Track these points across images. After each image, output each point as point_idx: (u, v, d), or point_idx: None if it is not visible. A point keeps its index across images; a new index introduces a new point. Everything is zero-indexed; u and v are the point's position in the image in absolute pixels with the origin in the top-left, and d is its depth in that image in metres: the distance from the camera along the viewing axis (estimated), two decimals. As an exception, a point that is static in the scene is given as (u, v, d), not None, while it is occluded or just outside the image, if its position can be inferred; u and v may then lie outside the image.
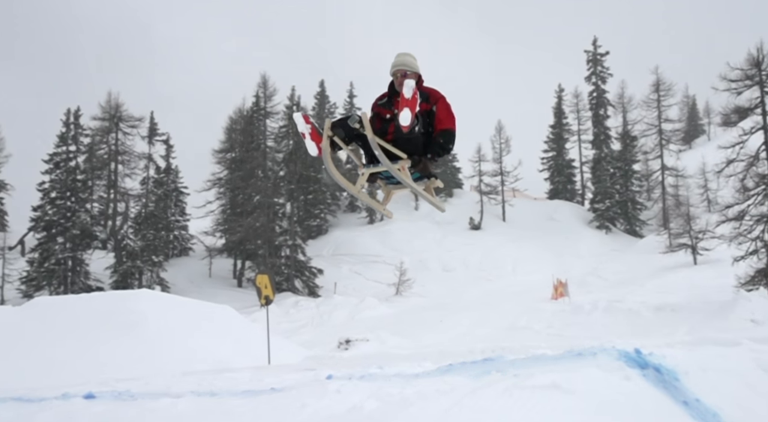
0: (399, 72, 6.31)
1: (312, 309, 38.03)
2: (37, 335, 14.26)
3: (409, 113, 5.51)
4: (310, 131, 5.88)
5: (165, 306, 17.17)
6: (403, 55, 6.45)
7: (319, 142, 5.91)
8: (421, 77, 6.42)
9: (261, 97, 55.15)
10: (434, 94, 6.38)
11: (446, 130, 6.19)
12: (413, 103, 5.55)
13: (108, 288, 43.57)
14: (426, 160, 6.28)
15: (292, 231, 49.54)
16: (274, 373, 7.71)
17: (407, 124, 5.50)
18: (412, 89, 5.53)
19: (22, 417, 4.62)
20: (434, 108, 6.28)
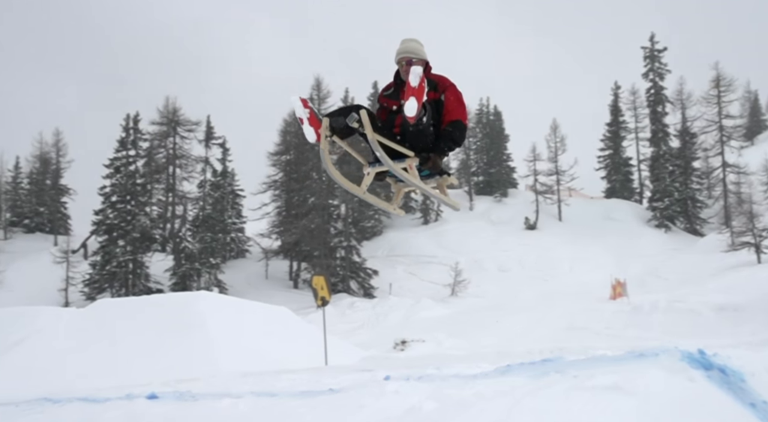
0: (404, 59, 5.86)
1: (367, 310, 38.11)
2: (100, 336, 14.56)
3: (415, 103, 5.11)
4: (309, 116, 5.42)
5: (223, 307, 17.37)
6: (408, 41, 6.01)
7: (318, 127, 5.47)
8: (428, 64, 5.97)
9: (315, 99, 55.50)
10: (443, 81, 5.93)
11: (456, 122, 5.78)
12: (420, 91, 5.15)
13: (167, 290, 44.34)
14: (435, 156, 5.84)
15: (346, 232, 49.73)
16: (332, 374, 7.73)
17: (413, 114, 5.11)
18: (419, 76, 5.13)
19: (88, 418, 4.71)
20: (443, 97, 5.85)
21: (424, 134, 5.63)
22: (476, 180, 66.56)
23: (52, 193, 58.97)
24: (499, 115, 68.25)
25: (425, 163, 5.80)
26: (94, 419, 4.63)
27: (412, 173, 5.76)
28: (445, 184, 6.27)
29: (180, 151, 58.01)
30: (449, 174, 6.19)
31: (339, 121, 5.47)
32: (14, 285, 46.05)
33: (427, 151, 5.75)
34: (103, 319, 15.71)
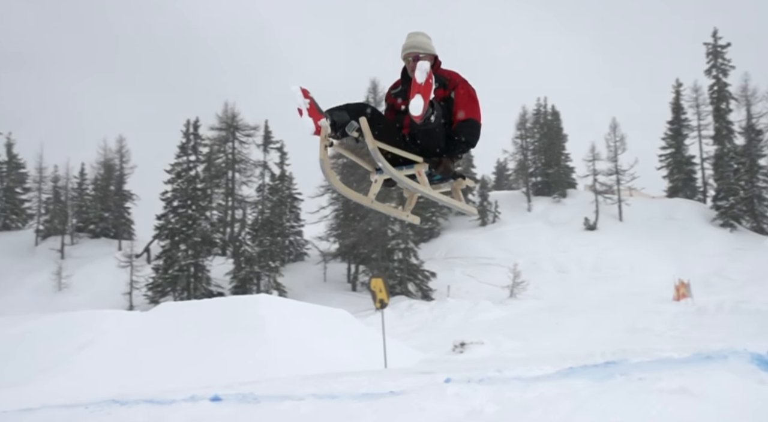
0: (410, 55, 5.45)
1: (426, 313, 38.02)
2: (164, 339, 14.82)
3: (421, 101, 4.71)
4: (308, 106, 4.98)
5: (283, 310, 17.53)
6: (415, 35, 5.60)
7: (318, 118, 5.02)
8: (437, 59, 5.59)
9: (371, 101, 55.70)
10: (453, 77, 5.54)
11: (468, 120, 5.37)
12: (427, 88, 4.76)
13: (228, 294, 44.96)
14: (447, 159, 5.43)
15: (404, 234, 49.70)
16: (392, 376, 7.72)
17: (419, 113, 4.71)
18: (426, 72, 4.73)
19: (154, 419, 4.79)
20: (453, 94, 5.45)
21: (434, 135, 5.26)
22: (534, 180, 65.91)
23: (116, 199, 60.26)
24: (557, 115, 67.50)
25: (436, 168, 5.43)
26: (161, 420, 4.71)
27: (421, 180, 5.40)
28: (460, 188, 5.87)
29: (239, 156, 58.84)
30: (464, 177, 5.83)
31: (342, 116, 5.13)
32: (80, 289, 47.24)
33: (438, 153, 5.41)
34: (166, 322, 15.99)
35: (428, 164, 5.34)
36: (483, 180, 62.58)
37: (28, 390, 11.23)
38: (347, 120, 5.07)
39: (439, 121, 5.03)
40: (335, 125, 5.06)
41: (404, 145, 5.36)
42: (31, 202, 63.22)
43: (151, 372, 12.86)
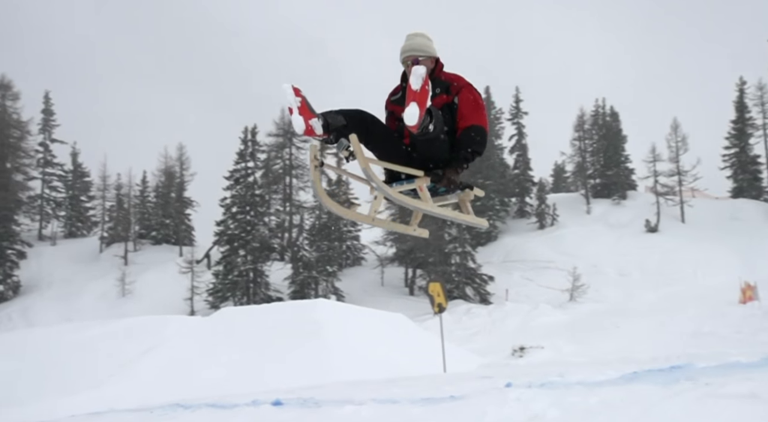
0: (409, 58, 5.10)
1: (484, 317, 37.81)
2: (225, 344, 15.00)
3: (416, 109, 4.38)
4: (299, 105, 4.66)
5: (341, 314, 17.60)
6: (414, 37, 5.23)
7: (309, 117, 4.69)
8: (439, 62, 5.26)
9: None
10: (456, 81, 5.19)
11: (472, 127, 5.00)
12: (423, 95, 4.43)
13: (286, 298, 45.36)
14: (451, 170, 5.05)
15: (461, 238, 49.50)
16: (452, 381, 7.68)
17: (414, 122, 4.38)
18: (422, 78, 4.42)
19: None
20: (456, 100, 5.12)
21: (436, 144, 4.92)
22: (593, 182, 64.97)
23: (176, 206, 61.28)
24: (615, 116, 66.44)
25: (440, 180, 5.08)
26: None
27: (423, 196, 5.08)
28: (468, 200, 5.51)
29: (296, 161, 59.36)
30: (471, 187, 5.46)
31: (337, 119, 4.80)
32: (143, 295, 48.18)
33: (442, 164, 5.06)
34: (226, 327, 16.20)
35: (431, 177, 5.06)
36: (541, 182, 61.96)
37: (96, 395, 11.48)
38: (342, 123, 4.81)
39: (440, 129, 4.75)
40: (328, 126, 4.77)
41: (405, 156, 5.08)
42: (96, 210, 64.72)
43: (213, 377, 13.03)
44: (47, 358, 14.26)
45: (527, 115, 64.45)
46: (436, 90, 5.05)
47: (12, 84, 59.98)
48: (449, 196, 5.39)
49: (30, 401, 11.96)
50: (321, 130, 4.71)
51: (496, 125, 62.73)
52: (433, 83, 5.06)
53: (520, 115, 64.27)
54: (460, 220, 5.62)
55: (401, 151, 5.05)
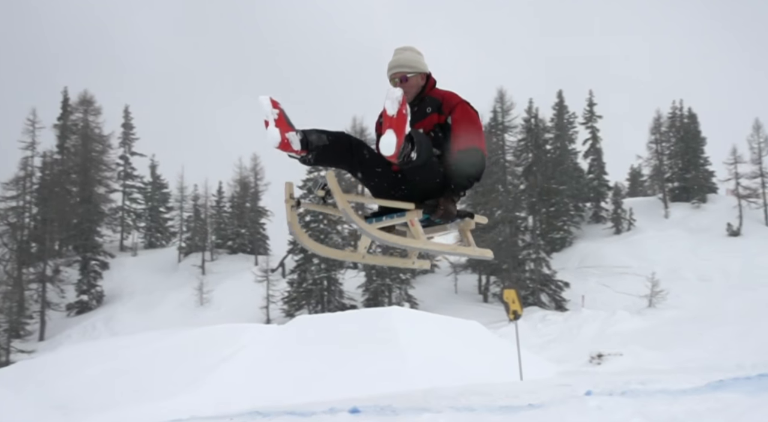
0: (397, 75, 4.73)
1: (560, 323, 37.29)
2: (301, 351, 15.15)
3: (393, 138, 3.94)
4: (277, 117, 4.27)
5: (415, 322, 17.58)
6: (403, 51, 4.82)
7: (286, 130, 4.28)
8: (430, 78, 4.86)
9: (498, 112, 55.32)
10: (449, 99, 4.77)
11: (468, 151, 4.57)
12: (400, 121, 3.98)
13: (360, 306, 45.55)
14: (446, 200, 4.61)
15: (535, 244, 48.98)
16: (530, 389, 7.58)
17: (391, 152, 3.94)
18: (398, 102, 4.00)
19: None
20: (449, 119, 4.71)
21: (426, 171, 4.47)
22: (671, 186, 63.40)
23: (251, 215, 62.25)
24: (693, 118, 64.71)
25: (434, 211, 4.62)
26: (303, 431, 4.80)
27: (415, 231, 4.66)
28: (468, 229, 5.10)
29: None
30: (472, 215, 5.06)
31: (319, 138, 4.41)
32: (220, 304, 49.09)
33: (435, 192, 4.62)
34: (302, 335, 16.35)
35: (423, 209, 4.61)
36: (616, 187, 60.83)
37: (177, 402, 11.74)
38: (324, 143, 4.40)
39: (426, 156, 4.28)
40: (307, 144, 4.34)
41: (395, 184, 4.68)
42: (174, 221, 66.30)
43: (290, 384, 13.16)
44: (131, 366, 14.64)
45: (601, 119, 63.40)
46: (426, 109, 4.72)
47: (94, 99, 62.07)
48: (448, 225, 4.99)
49: (113, 407, 12.30)
50: (299, 146, 4.29)
51: (569, 129, 61.85)
52: (424, 102, 4.78)
53: (594, 119, 63.23)
54: (460, 254, 5.30)
55: (390, 179, 4.66)
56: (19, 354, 43.41)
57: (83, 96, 61.77)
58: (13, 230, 55.53)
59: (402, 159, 4.08)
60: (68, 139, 60.54)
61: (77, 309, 52.58)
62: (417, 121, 4.65)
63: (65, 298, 53.51)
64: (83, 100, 61.63)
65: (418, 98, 4.79)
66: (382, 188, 4.75)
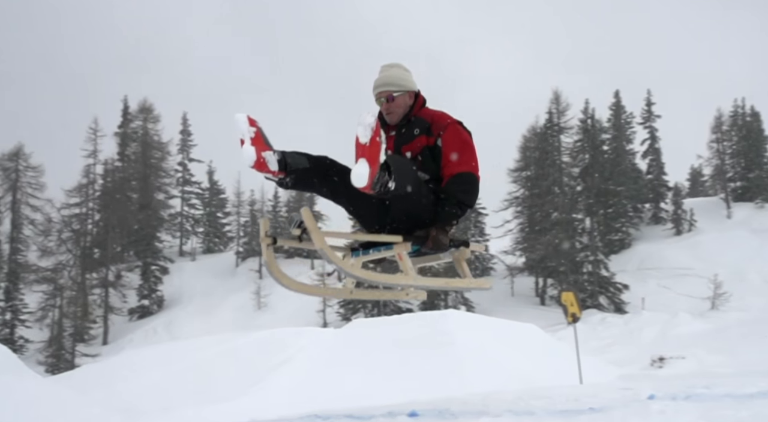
0: (383, 95, 4.44)
1: (620, 326, 36.76)
2: (358, 355, 15.19)
3: (365, 168, 3.63)
4: (253, 135, 3.98)
5: (472, 325, 17.48)
6: (389, 68, 4.52)
7: (263, 149, 3.99)
8: (419, 97, 4.55)
9: (554, 113, 54.78)
10: (439, 120, 4.45)
11: (460, 176, 4.27)
12: (373, 150, 3.67)
13: (416, 310, 45.48)
14: (437, 230, 4.27)
15: (593, 246, 48.35)
16: (590, 392, 7.45)
17: (364, 184, 3.64)
18: (370, 128, 3.66)
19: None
20: (439, 142, 4.38)
21: (413, 199, 4.12)
22: (733, 186, 61.93)
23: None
24: (756, 116, 63.11)
25: (424, 243, 4.29)
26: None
27: (404, 266, 4.26)
28: (463, 259, 4.67)
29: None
30: (467, 243, 4.66)
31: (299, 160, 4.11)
32: (278, 308, 49.55)
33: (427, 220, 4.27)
34: (359, 339, 16.39)
35: (412, 241, 4.26)
36: (676, 187, 59.69)
37: (236, 405, 11.88)
38: (304, 166, 4.12)
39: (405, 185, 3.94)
40: (285, 165, 4.05)
41: (382, 213, 4.33)
42: (231, 226, 67.18)
43: (347, 388, 13.20)
44: (191, 369, 14.86)
45: (660, 119, 62.28)
46: (414, 131, 4.42)
47: (153, 107, 63.34)
48: (442, 255, 4.62)
49: (175, 409, 12.50)
50: (275, 166, 4.02)
51: (626, 129, 60.93)
52: (412, 123, 4.48)
53: (652, 119, 62.18)
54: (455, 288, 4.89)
55: (377, 207, 4.33)
56: (84, 358, 44.50)
57: (143, 104, 63.15)
58: (77, 236, 56.93)
59: (378, 190, 3.75)
60: (128, 147, 61.88)
61: (139, 313, 53.66)
62: (404, 143, 4.43)
63: (127, 303, 54.67)
64: (143, 108, 62.97)
65: (405, 119, 4.51)
66: (368, 217, 4.46)
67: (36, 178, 57.85)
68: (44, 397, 11.07)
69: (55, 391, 12.05)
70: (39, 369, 39.62)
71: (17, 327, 51.00)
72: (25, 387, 11.03)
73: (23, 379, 11.56)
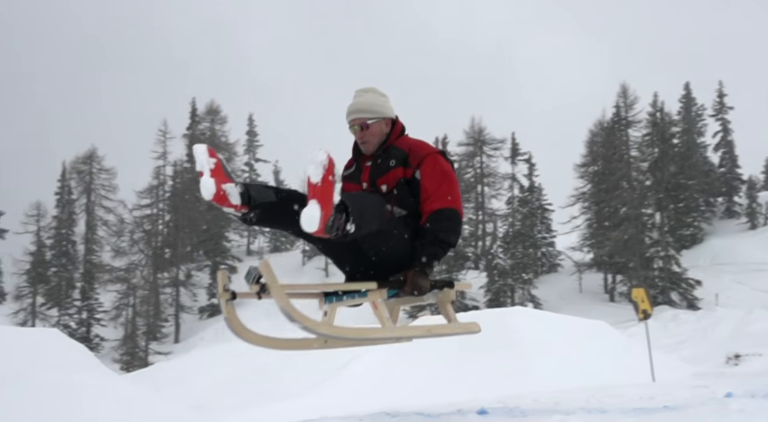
0: (356, 122, 4.08)
1: (692, 323, 35.82)
2: (425, 352, 15.15)
3: (316, 210, 3.29)
4: (213, 167, 3.65)
5: (540, 322, 17.29)
6: (363, 94, 4.16)
7: (223, 181, 3.65)
8: (397, 124, 4.20)
9: (621, 107, 53.75)
10: (417, 149, 4.08)
11: (440, 212, 3.89)
12: (325, 190, 3.31)
13: (483, 307, 45.26)
14: (416, 273, 3.89)
15: (663, 241, 47.33)
16: (664, 390, 7.29)
17: (315, 228, 3.29)
18: (322, 166, 3.30)
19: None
20: (418, 174, 4.00)
21: (390, 239, 3.78)
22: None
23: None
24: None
25: (401, 288, 3.91)
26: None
27: (378, 315, 3.88)
28: (448, 301, 4.25)
29: (487, 170, 59.29)
30: (452, 284, 4.26)
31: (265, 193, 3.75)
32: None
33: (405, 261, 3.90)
34: (426, 336, 16.36)
35: (388, 287, 3.88)
36: (750, 180, 58.01)
37: (306, 402, 11.99)
38: (270, 200, 3.75)
39: (368, 227, 3.58)
40: (249, 199, 3.70)
41: (356, 255, 3.94)
42: (298, 225, 67.78)
43: (414, 386, 13.20)
44: (260, 367, 15.05)
45: (732, 110, 60.57)
46: (390, 162, 4.05)
47: (220, 108, 64.39)
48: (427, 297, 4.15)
49: (246, 407, 12.69)
50: (238, 199, 3.67)
51: (698, 122, 59.47)
52: (388, 153, 4.11)
53: (724, 111, 60.51)
54: (439, 336, 4.34)
55: (346, 248, 3.92)
56: (157, 356, 45.57)
57: (210, 106, 64.26)
58: (148, 237, 58.31)
59: (335, 233, 3.42)
60: (197, 148, 62.94)
61: (209, 312, 54.62)
62: (379, 175, 4.08)
63: (197, 302, 55.74)
64: (210, 109, 64.10)
65: (381, 148, 4.14)
66: (341, 258, 4.12)
67: (109, 180, 59.70)
68: (120, 394, 11.36)
69: (130, 388, 12.35)
70: (114, 366, 40.78)
71: (93, 325, 52.59)
72: (102, 384, 11.32)
73: (100, 377, 11.85)
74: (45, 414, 9.78)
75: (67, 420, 9.73)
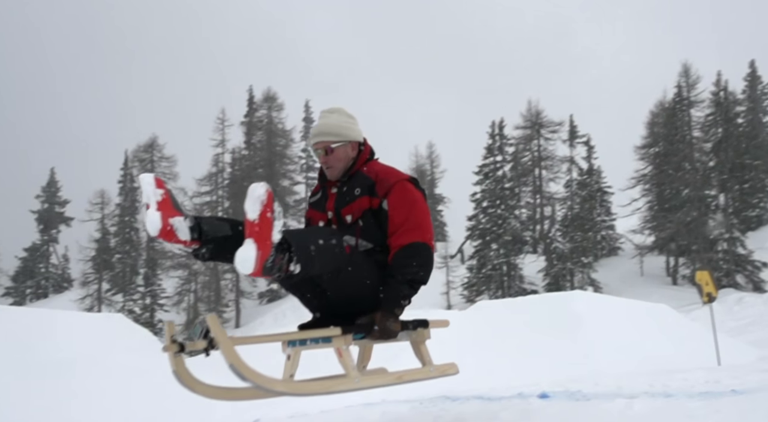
0: (320, 146, 3.78)
1: (758, 306, 34.97)
2: (484, 336, 15.11)
3: (251, 251, 2.96)
4: (161, 199, 3.27)
5: (600, 306, 17.07)
6: (327, 115, 3.85)
7: (171, 215, 3.26)
8: (365, 148, 3.91)
9: (683, 87, 52.48)
10: (385, 177, 3.76)
11: (408, 247, 3.59)
12: (263, 228, 2.99)
13: (541, 291, 44.92)
14: (385, 314, 3.55)
15: (727, 223, 46.22)
16: (731, 374, 7.14)
17: (250, 269, 2.96)
18: (260, 202, 2.99)
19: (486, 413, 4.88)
20: (385, 204, 3.70)
21: (349, 279, 3.46)
22: None
23: (429, 203, 62.84)
24: None
25: (369, 332, 3.59)
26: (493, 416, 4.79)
27: (344, 363, 3.55)
28: (423, 342, 3.96)
29: (545, 153, 58.74)
30: (426, 324, 3.96)
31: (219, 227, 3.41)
32: (402, 290, 49.91)
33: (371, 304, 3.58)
34: (484, 320, 16.29)
35: (353, 332, 3.57)
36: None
37: (365, 385, 12.08)
38: (225, 234, 3.40)
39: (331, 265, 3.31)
40: (199, 232, 3.33)
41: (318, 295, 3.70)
42: (354, 209, 68.15)
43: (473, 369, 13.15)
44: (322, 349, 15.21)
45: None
46: (356, 190, 3.74)
47: (276, 96, 64.85)
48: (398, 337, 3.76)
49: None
50: (187, 235, 3.30)
51: (764, 101, 57.78)
52: (353, 179, 3.82)
53: (791, 88, 58.71)
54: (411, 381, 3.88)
55: (310, 286, 3.68)
56: (218, 340, 46.26)
57: (267, 93, 64.74)
58: (209, 224, 59.18)
59: (276, 275, 3.12)
60: (254, 135, 63.59)
61: (268, 297, 55.32)
62: (344, 204, 3.78)
63: (257, 287, 56.47)
64: (267, 97, 64.57)
65: (347, 174, 3.85)
66: (307, 297, 3.82)
67: (169, 167, 60.87)
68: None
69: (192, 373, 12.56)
70: (177, 351, 41.52)
71: (156, 311, 53.80)
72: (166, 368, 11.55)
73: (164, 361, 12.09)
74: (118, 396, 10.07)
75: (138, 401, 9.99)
